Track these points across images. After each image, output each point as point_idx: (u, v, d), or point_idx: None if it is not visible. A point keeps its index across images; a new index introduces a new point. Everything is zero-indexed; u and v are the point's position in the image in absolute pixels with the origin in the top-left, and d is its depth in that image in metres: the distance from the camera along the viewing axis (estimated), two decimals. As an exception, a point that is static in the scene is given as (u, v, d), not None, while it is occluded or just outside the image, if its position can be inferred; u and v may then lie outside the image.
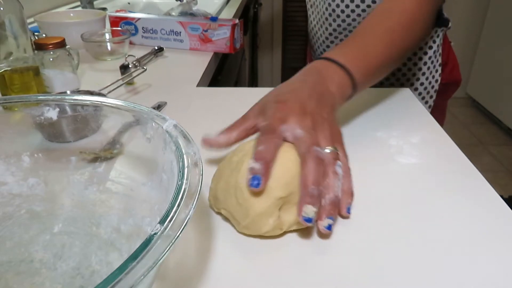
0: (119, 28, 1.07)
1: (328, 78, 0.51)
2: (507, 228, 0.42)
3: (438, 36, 0.87)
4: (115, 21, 1.10)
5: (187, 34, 1.02)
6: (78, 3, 1.57)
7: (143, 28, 1.08)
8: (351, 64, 0.53)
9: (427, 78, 0.87)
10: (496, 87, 2.64)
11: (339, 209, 0.43)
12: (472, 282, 0.36)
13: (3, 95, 0.70)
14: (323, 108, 0.47)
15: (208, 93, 0.79)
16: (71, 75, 0.77)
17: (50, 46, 0.73)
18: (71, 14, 1.17)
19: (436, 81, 0.88)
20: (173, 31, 1.04)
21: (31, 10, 1.23)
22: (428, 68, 0.86)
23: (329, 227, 0.39)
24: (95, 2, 1.55)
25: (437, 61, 0.87)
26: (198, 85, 0.84)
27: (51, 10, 1.40)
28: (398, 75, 0.86)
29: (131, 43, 1.10)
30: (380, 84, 0.87)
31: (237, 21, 0.97)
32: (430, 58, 0.85)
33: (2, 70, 0.68)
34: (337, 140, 0.47)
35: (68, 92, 0.65)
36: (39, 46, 0.72)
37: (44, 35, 1.00)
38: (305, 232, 0.42)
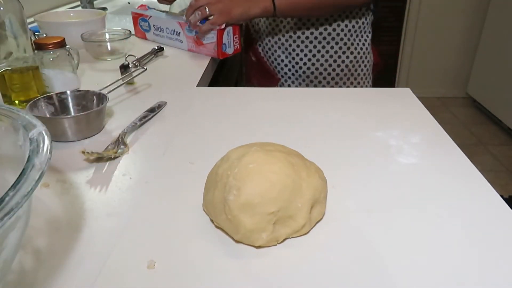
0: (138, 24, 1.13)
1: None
2: (507, 228, 0.42)
3: (371, 20, 1.06)
4: (135, 17, 1.13)
5: (185, 35, 1.02)
6: (78, 3, 1.58)
7: (154, 25, 1.09)
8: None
9: (370, 59, 1.06)
10: (496, 87, 2.64)
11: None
12: (472, 282, 0.36)
13: (3, 95, 0.70)
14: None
15: (208, 93, 0.79)
16: (71, 75, 0.77)
17: (50, 46, 0.73)
18: (71, 14, 1.17)
19: (372, 60, 1.09)
20: (174, 31, 1.04)
21: (31, 10, 1.23)
22: (367, 49, 1.05)
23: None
24: (95, 2, 1.55)
25: (369, 44, 1.07)
26: (198, 85, 0.84)
27: (51, 10, 1.40)
28: (351, 58, 1.03)
29: (145, 38, 1.13)
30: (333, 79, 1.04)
31: (224, 26, 0.92)
32: (370, 40, 1.06)
33: (2, 70, 0.68)
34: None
35: (68, 92, 0.65)
36: (39, 46, 0.72)
37: (44, 35, 1.00)
38: (304, 237, 0.42)
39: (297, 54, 1.02)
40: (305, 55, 1.02)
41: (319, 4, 0.92)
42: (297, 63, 1.03)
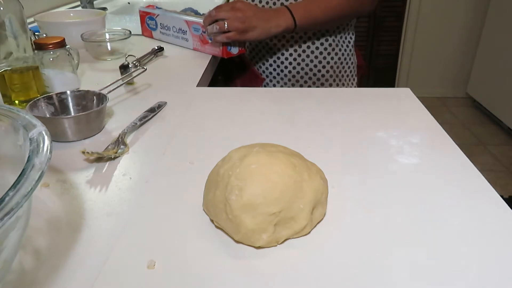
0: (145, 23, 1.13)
1: (280, 17, 0.88)
2: (507, 228, 0.42)
3: (354, 22, 1.07)
4: (142, 15, 1.13)
5: (191, 34, 1.02)
6: (78, 3, 1.57)
7: (161, 24, 1.10)
8: (297, 14, 0.88)
9: (354, 60, 1.08)
10: (496, 87, 2.64)
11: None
12: (472, 282, 0.36)
13: (3, 95, 0.70)
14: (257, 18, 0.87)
15: (208, 93, 0.79)
16: (71, 75, 0.77)
17: (50, 46, 0.73)
18: (71, 14, 1.17)
19: (355, 62, 1.10)
20: (181, 30, 1.04)
21: (31, 10, 1.23)
22: (351, 50, 1.07)
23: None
24: (95, 2, 1.55)
25: (353, 45, 1.09)
26: (198, 85, 0.84)
27: (51, 10, 1.40)
28: (340, 55, 1.04)
29: (152, 37, 1.13)
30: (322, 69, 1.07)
31: None
32: (353, 42, 1.08)
33: (2, 70, 0.68)
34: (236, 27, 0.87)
35: (68, 92, 0.65)
36: (39, 46, 0.72)
37: (44, 35, 1.00)
38: (304, 237, 0.41)
39: (282, 54, 1.02)
40: (290, 54, 1.02)
41: (334, 17, 0.93)
42: (282, 62, 1.03)
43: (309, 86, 1.05)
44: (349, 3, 0.92)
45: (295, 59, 1.02)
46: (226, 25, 0.87)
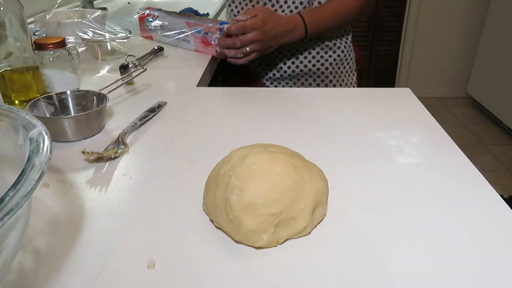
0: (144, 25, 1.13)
1: (295, 31, 0.89)
2: (507, 228, 0.42)
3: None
4: (141, 17, 1.13)
5: (192, 35, 1.02)
6: (78, 3, 1.57)
7: (161, 25, 1.09)
8: (310, 25, 0.90)
9: (353, 56, 1.10)
10: (496, 87, 2.64)
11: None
12: (472, 282, 0.36)
13: (3, 95, 0.70)
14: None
15: (208, 93, 0.79)
16: (71, 75, 0.77)
17: (50, 46, 0.73)
18: (71, 14, 1.17)
19: (354, 57, 1.12)
20: (182, 31, 1.04)
21: (31, 10, 1.23)
22: (350, 47, 1.08)
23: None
24: (95, 2, 1.55)
25: (351, 42, 1.11)
26: (198, 85, 0.84)
27: (51, 10, 1.40)
28: (343, 50, 1.06)
29: (151, 39, 1.13)
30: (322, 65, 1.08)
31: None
32: (351, 38, 1.10)
33: (2, 70, 0.68)
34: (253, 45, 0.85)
35: (68, 92, 0.65)
36: (39, 46, 0.72)
37: (44, 35, 1.00)
38: (305, 237, 0.41)
39: (280, 60, 1.03)
40: (288, 58, 1.02)
41: (340, 24, 0.96)
42: (281, 68, 1.04)
43: (310, 84, 1.05)
44: (351, 12, 0.94)
45: (293, 63, 1.02)
46: (248, 49, 0.85)
